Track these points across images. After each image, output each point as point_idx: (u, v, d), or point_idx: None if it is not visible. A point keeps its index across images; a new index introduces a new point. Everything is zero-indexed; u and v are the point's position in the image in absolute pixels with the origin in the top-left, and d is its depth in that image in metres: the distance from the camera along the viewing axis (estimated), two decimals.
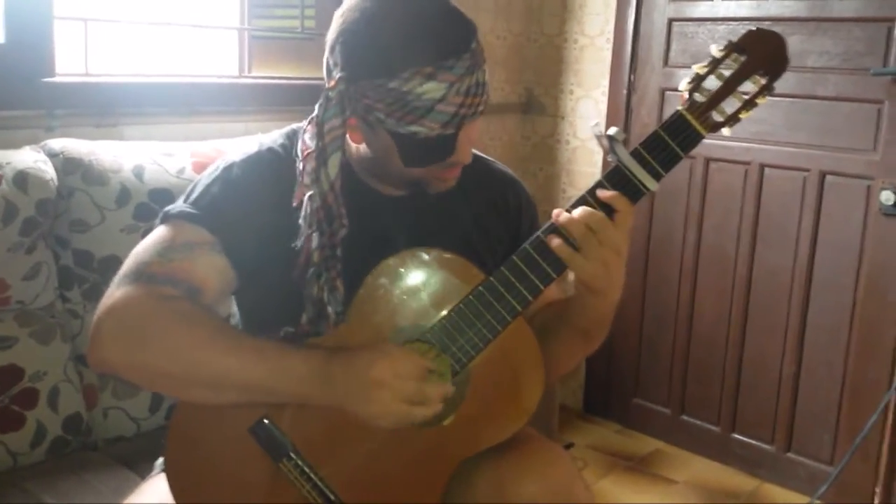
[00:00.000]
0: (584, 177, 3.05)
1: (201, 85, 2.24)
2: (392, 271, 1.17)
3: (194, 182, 1.25)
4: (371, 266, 1.16)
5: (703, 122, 1.13)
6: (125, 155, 1.82)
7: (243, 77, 2.42)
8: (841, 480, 2.39)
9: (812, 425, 2.60)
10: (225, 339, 1.11)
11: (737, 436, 2.79)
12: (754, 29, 1.14)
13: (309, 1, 2.57)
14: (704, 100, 1.13)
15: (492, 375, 1.17)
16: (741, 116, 1.15)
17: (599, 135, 1.15)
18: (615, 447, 2.93)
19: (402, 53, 1.10)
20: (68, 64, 2.00)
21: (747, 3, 2.60)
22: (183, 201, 1.22)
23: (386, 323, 1.16)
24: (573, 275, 1.14)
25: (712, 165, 2.74)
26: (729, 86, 1.14)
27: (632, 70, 2.88)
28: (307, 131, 1.16)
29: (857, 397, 2.48)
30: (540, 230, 1.14)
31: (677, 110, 1.14)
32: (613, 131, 1.13)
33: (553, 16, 3.06)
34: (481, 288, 1.15)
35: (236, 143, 1.64)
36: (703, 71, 1.14)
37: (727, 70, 1.14)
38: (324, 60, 1.18)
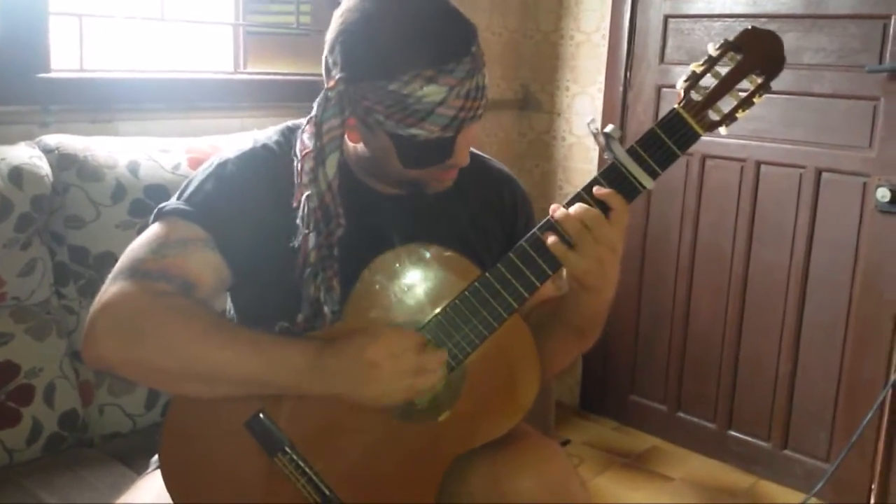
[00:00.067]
0: (581, 173, 3.05)
1: (197, 81, 2.24)
2: (389, 267, 1.16)
3: (189, 179, 1.25)
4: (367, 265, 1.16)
5: (700, 121, 1.13)
6: (120, 151, 1.82)
7: (239, 73, 2.42)
8: (837, 477, 2.40)
9: (808, 422, 2.61)
10: (220, 333, 1.11)
11: (733, 433, 2.79)
12: (751, 28, 1.14)
13: None
14: (701, 98, 1.13)
15: (488, 372, 1.18)
16: (738, 115, 1.15)
17: (595, 132, 1.15)
18: (611, 444, 2.93)
19: (403, 56, 1.09)
20: (63, 59, 2.00)
21: (743, 0, 2.60)
22: (177, 198, 1.22)
23: (382, 318, 1.16)
24: (567, 272, 1.14)
25: (708, 162, 2.74)
26: (725, 84, 1.14)
27: (628, 67, 2.87)
28: (305, 131, 1.15)
29: (854, 394, 2.48)
30: (536, 227, 1.14)
31: (674, 108, 1.14)
32: (610, 129, 1.13)
33: (549, 12, 3.06)
34: (477, 284, 1.15)
35: (232, 140, 1.64)
36: (700, 69, 1.14)
37: (723, 69, 1.14)
38: (322, 59, 1.18)
